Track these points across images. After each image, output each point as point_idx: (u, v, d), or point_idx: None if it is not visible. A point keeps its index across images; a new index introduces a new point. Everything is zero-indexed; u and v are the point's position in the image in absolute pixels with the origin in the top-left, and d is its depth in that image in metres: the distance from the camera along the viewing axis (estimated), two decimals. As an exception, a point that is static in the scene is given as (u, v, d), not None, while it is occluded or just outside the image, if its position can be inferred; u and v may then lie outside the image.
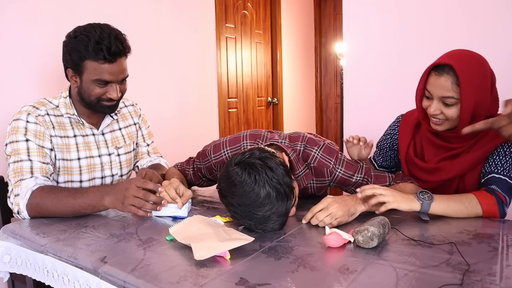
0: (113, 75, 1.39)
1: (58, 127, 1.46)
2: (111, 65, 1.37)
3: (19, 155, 1.35)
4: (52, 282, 1.07)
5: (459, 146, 1.30)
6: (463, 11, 1.92)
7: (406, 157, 1.44)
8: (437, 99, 1.24)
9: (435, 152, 1.36)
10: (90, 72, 1.37)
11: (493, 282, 0.81)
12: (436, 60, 1.25)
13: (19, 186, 1.31)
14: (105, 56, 1.35)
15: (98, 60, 1.35)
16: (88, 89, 1.41)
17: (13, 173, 1.34)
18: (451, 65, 1.19)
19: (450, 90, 1.20)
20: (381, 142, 1.59)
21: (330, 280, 0.84)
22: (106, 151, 1.56)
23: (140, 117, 1.73)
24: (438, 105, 1.25)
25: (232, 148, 1.40)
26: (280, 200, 1.07)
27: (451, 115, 1.23)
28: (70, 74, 1.43)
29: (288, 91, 4.10)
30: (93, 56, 1.35)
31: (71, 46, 1.37)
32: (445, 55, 1.26)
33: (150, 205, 1.22)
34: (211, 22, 3.05)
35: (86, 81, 1.40)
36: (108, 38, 1.35)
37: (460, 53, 1.24)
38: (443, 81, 1.21)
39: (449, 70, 1.20)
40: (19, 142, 1.36)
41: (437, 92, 1.23)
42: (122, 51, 1.39)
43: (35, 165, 1.35)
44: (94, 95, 1.42)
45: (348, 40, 2.26)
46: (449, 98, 1.21)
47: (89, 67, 1.37)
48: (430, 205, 1.17)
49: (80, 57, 1.36)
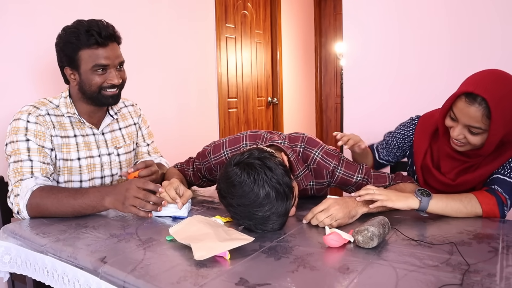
0: (109, 59, 1.41)
1: (59, 127, 1.46)
2: (105, 49, 1.40)
3: (20, 155, 1.35)
4: (52, 282, 1.07)
5: (477, 160, 1.26)
6: (463, 11, 1.92)
7: (423, 165, 1.37)
8: (463, 125, 1.18)
9: (452, 164, 1.31)
10: (87, 61, 1.40)
11: (493, 282, 0.80)
12: (468, 86, 1.14)
13: (19, 186, 1.31)
14: (97, 40, 1.37)
15: (91, 46, 1.38)
16: (88, 80, 1.42)
17: (13, 173, 1.34)
18: (484, 98, 1.10)
19: (479, 122, 1.13)
20: (390, 138, 1.52)
21: (330, 280, 0.84)
22: (106, 151, 1.56)
23: (140, 117, 1.73)
24: (463, 130, 1.18)
25: (232, 148, 1.40)
26: (279, 200, 1.07)
27: (475, 143, 1.18)
28: (68, 72, 1.44)
29: (288, 91, 4.10)
30: (86, 43, 1.37)
31: (63, 42, 1.40)
32: (477, 81, 1.14)
33: (151, 205, 1.22)
34: (211, 22, 3.05)
35: (84, 72, 1.41)
36: (97, 25, 1.39)
37: (494, 81, 1.13)
38: (473, 112, 1.13)
39: (481, 101, 1.11)
40: (20, 142, 1.36)
41: (465, 120, 1.16)
42: (112, 35, 1.42)
43: (35, 165, 1.35)
44: (95, 84, 1.42)
45: (348, 40, 2.26)
46: (476, 128, 1.15)
47: (85, 56, 1.39)
48: (428, 202, 1.17)
49: (73, 49, 1.38)
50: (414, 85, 2.07)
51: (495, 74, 1.16)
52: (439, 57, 2.00)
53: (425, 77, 2.04)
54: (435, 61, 2.01)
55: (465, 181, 1.27)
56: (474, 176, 1.25)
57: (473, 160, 1.27)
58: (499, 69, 1.18)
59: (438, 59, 2.00)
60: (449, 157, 1.31)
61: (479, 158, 1.26)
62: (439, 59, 2.00)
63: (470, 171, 1.28)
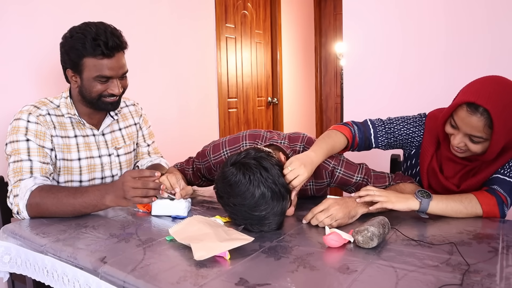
0: (113, 70, 1.39)
1: (59, 127, 1.46)
2: (110, 60, 1.38)
3: (19, 155, 1.35)
4: (52, 282, 1.07)
5: (478, 163, 1.25)
6: (464, 11, 1.92)
7: (429, 168, 1.35)
8: (464, 134, 1.16)
9: (454, 168, 1.30)
10: (90, 70, 1.37)
11: (493, 282, 0.80)
12: (470, 96, 1.12)
13: (18, 186, 1.31)
14: (103, 51, 1.35)
15: (97, 56, 1.35)
16: (89, 86, 1.40)
17: (13, 173, 1.34)
18: (486, 109, 1.09)
19: (481, 132, 1.12)
20: (393, 127, 1.40)
21: (330, 280, 0.84)
22: (106, 151, 1.56)
23: (141, 117, 1.72)
24: (464, 139, 1.17)
25: (232, 148, 1.40)
26: (275, 200, 1.07)
27: (476, 151, 1.17)
28: (69, 74, 1.43)
29: (288, 91, 4.10)
30: (91, 53, 1.35)
31: (68, 46, 1.38)
32: (479, 91, 1.12)
33: (153, 191, 1.21)
34: (211, 22, 3.05)
35: (86, 79, 1.39)
36: (104, 34, 1.36)
37: (497, 91, 1.11)
38: (475, 121, 1.11)
39: (483, 111, 1.10)
40: (20, 142, 1.36)
41: (466, 129, 1.14)
42: (119, 45, 1.39)
43: (35, 165, 1.35)
44: (96, 91, 1.41)
45: (348, 40, 2.26)
46: (478, 138, 1.14)
47: (89, 64, 1.37)
48: (429, 204, 1.17)
49: (78, 55, 1.36)
50: (414, 85, 2.07)
51: (496, 83, 1.14)
52: (439, 56, 1.99)
53: (425, 77, 2.04)
54: (435, 61, 2.01)
55: (468, 186, 1.26)
56: (478, 179, 1.25)
57: (474, 164, 1.27)
58: (500, 76, 1.17)
59: (438, 59, 2.00)
60: (450, 160, 1.30)
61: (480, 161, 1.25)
62: (439, 59, 1.99)
63: (472, 174, 1.27)
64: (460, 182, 1.29)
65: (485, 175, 1.24)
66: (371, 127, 1.42)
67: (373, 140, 1.41)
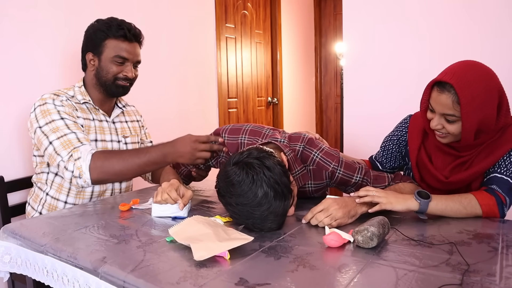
0: (130, 53, 1.57)
1: (80, 110, 1.56)
2: (130, 44, 1.57)
3: (62, 130, 1.43)
4: (52, 282, 1.07)
5: (467, 154, 1.28)
6: (464, 11, 1.92)
7: (418, 160, 1.39)
8: (439, 115, 1.22)
9: (444, 159, 1.33)
10: (110, 50, 1.55)
11: (493, 282, 0.81)
12: (438, 76, 1.21)
13: (78, 151, 1.39)
14: (126, 34, 1.54)
15: (119, 38, 1.55)
16: (106, 67, 1.56)
17: (62, 146, 1.40)
18: (452, 84, 1.15)
19: (451, 109, 1.17)
20: (386, 143, 1.54)
21: (329, 279, 0.84)
22: (116, 138, 1.68)
23: (142, 117, 1.85)
24: (440, 120, 1.22)
25: (230, 137, 1.42)
26: (277, 199, 1.07)
27: (453, 131, 1.21)
28: (89, 58, 1.58)
29: (288, 91, 4.10)
30: (114, 34, 1.54)
31: (93, 29, 1.56)
32: (447, 70, 1.21)
33: (217, 146, 1.39)
34: (211, 22, 3.05)
35: (105, 59, 1.56)
36: (128, 24, 1.58)
37: (463, 69, 1.18)
38: (444, 99, 1.18)
39: (450, 88, 1.16)
40: (56, 121, 1.44)
41: (439, 108, 1.21)
42: (139, 34, 1.61)
43: (79, 136, 1.44)
44: (112, 72, 1.56)
45: (348, 40, 2.27)
46: (451, 116, 1.19)
47: (110, 45, 1.55)
48: (428, 205, 1.17)
49: (102, 36, 1.54)
50: (414, 85, 2.06)
51: (465, 63, 1.21)
52: (439, 56, 2.00)
53: (425, 76, 2.03)
54: (435, 61, 2.01)
55: (458, 179, 1.28)
56: (469, 173, 1.27)
57: (464, 155, 1.28)
58: (473, 60, 1.23)
59: (438, 59, 2.00)
60: (440, 150, 1.34)
61: (469, 152, 1.27)
62: (439, 59, 1.99)
63: (463, 169, 1.29)
64: (450, 174, 1.30)
65: (476, 170, 1.25)
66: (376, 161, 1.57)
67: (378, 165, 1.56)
